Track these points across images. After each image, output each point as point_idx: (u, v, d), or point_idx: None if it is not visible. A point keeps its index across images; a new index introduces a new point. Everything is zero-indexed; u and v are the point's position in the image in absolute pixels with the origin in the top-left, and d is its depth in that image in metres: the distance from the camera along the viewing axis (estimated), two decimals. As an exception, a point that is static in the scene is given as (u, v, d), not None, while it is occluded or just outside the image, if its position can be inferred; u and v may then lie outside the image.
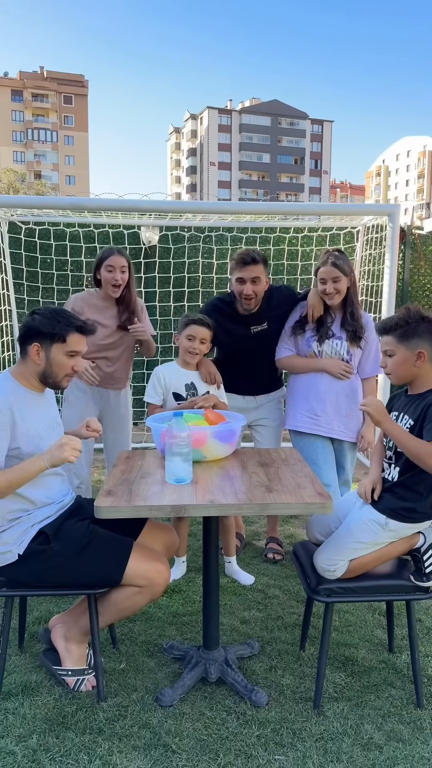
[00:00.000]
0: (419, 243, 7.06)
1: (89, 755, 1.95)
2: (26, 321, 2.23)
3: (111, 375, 3.54)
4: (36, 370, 2.24)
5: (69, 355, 2.23)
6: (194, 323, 2.99)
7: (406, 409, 2.24)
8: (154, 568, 2.17)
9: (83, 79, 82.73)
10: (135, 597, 2.18)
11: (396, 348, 2.18)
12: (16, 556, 2.14)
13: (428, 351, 2.16)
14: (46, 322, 2.20)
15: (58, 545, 2.15)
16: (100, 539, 2.19)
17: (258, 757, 1.96)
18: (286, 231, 6.64)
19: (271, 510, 2.00)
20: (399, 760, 1.96)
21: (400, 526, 2.18)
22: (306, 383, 3.27)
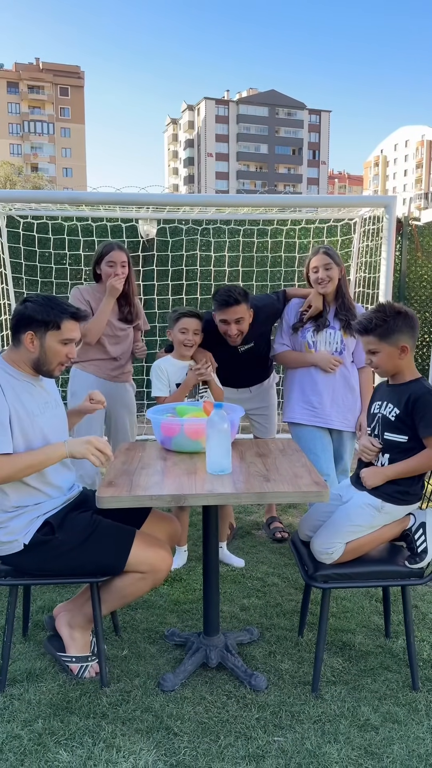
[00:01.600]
0: (416, 234, 7.08)
1: (93, 738, 2.01)
2: (18, 309, 2.21)
3: (115, 367, 3.61)
4: (30, 358, 2.23)
5: (63, 343, 2.23)
6: (184, 316, 3.08)
7: (390, 397, 2.32)
8: (157, 555, 2.22)
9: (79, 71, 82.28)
10: (138, 583, 2.23)
11: (379, 346, 2.26)
12: (21, 545, 2.19)
13: (409, 343, 2.26)
14: (39, 310, 2.19)
15: (62, 535, 2.20)
16: (103, 529, 2.23)
17: (257, 738, 2.02)
18: (284, 223, 6.65)
19: (268, 499, 2.04)
20: (395, 741, 2.01)
21: (394, 508, 2.26)
22: (302, 375, 3.34)
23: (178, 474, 2.21)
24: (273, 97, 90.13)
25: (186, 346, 3.09)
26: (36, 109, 78.99)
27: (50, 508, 2.28)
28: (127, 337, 3.62)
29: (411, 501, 2.28)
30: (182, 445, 2.47)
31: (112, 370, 3.59)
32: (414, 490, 2.28)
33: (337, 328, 3.28)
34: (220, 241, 6.76)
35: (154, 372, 3.12)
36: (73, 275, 6.66)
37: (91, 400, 2.54)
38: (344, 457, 3.41)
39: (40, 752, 1.95)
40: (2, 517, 2.19)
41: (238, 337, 3.22)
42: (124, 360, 3.66)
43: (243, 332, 3.20)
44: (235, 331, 3.17)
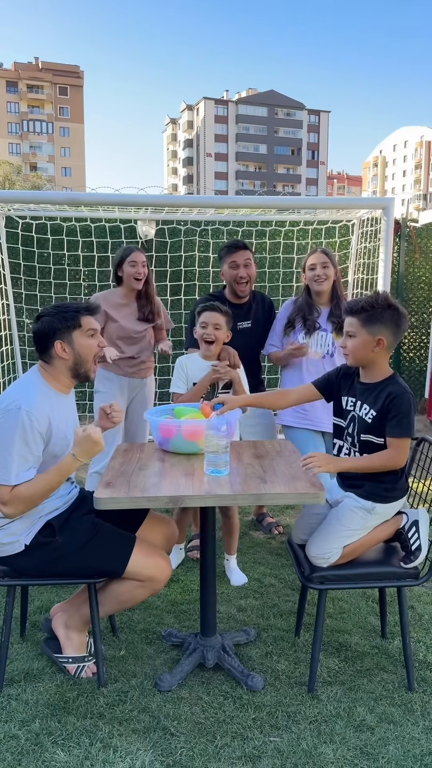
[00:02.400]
0: (414, 235, 7.10)
1: (90, 738, 2.02)
2: (36, 328, 2.27)
3: (134, 364, 3.75)
4: (66, 366, 2.29)
5: (90, 335, 2.30)
6: (206, 310, 2.99)
7: (365, 397, 2.30)
8: (156, 564, 2.24)
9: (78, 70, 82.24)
10: (136, 590, 2.25)
11: (358, 330, 2.24)
12: (22, 546, 2.20)
13: (387, 339, 2.22)
14: (55, 319, 2.26)
15: (63, 538, 2.21)
16: (104, 534, 2.25)
17: (254, 738, 2.03)
18: (282, 224, 6.67)
19: (265, 500, 2.05)
20: (390, 741, 2.02)
21: (384, 507, 2.27)
22: (293, 380, 3.38)
23: (175, 475, 2.22)
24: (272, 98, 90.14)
25: (206, 342, 2.99)
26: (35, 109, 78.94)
27: (52, 509, 2.29)
28: (144, 338, 3.75)
29: (398, 496, 2.29)
30: (180, 446, 2.48)
31: (131, 367, 3.76)
32: (399, 485, 2.28)
33: (329, 331, 3.31)
34: (219, 241, 6.77)
35: (176, 367, 3.10)
36: (71, 276, 6.66)
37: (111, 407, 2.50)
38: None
39: (38, 752, 1.96)
40: (4, 519, 2.20)
41: (247, 285, 3.43)
42: (144, 357, 3.80)
43: (251, 277, 3.44)
44: (245, 273, 3.40)
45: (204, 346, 3.01)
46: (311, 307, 3.34)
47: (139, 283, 3.66)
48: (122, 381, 3.76)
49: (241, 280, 3.42)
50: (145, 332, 3.75)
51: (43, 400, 2.19)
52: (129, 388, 3.81)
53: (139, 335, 3.72)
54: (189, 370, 3.06)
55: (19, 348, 5.90)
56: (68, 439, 2.26)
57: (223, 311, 3.00)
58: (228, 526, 3.15)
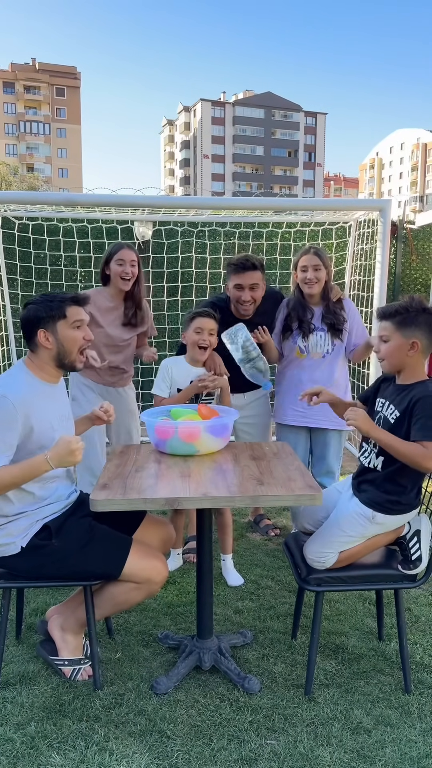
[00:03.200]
0: (411, 237, 7.11)
1: (86, 741, 2.01)
2: (23, 315, 2.28)
3: (114, 374, 3.58)
4: (50, 356, 2.28)
5: (75, 327, 2.28)
6: (200, 316, 2.99)
7: (393, 398, 2.27)
8: (153, 566, 2.23)
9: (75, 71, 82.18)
10: (132, 593, 2.24)
11: (392, 334, 2.20)
12: (18, 548, 2.19)
13: (422, 342, 2.18)
14: (41, 308, 2.25)
15: (59, 542, 2.20)
16: (100, 537, 2.24)
17: (250, 741, 2.02)
18: (279, 225, 6.66)
19: (262, 502, 2.05)
20: (387, 743, 2.02)
21: (386, 518, 2.23)
22: (290, 378, 3.41)
23: (172, 477, 2.21)
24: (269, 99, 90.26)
25: (200, 348, 2.98)
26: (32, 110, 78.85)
27: (50, 513, 2.28)
28: (128, 346, 3.57)
29: (404, 511, 2.24)
30: (176, 448, 2.47)
31: (112, 377, 3.58)
32: (407, 499, 2.23)
33: (325, 331, 3.31)
34: (216, 243, 6.77)
35: (161, 368, 3.08)
36: (68, 277, 6.65)
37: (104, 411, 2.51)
38: (327, 458, 3.43)
39: (33, 755, 1.95)
40: (2, 520, 2.19)
41: (251, 306, 3.27)
42: (127, 367, 3.64)
43: (256, 300, 3.27)
44: (249, 297, 3.23)
45: (198, 352, 3.01)
46: (305, 308, 3.33)
47: (126, 283, 3.41)
48: (101, 390, 3.56)
49: (245, 303, 3.27)
50: (130, 340, 3.56)
51: (27, 389, 2.19)
52: (108, 397, 3.55)
53: (125, 343, 3.53)
54: (174, 375, 3.06)
55: (15, 349, 5.88)
56: (54, 428, 2.25)
57: (216, 318, 3.01)
58: (221, 524, 3.15)
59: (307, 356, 3.35)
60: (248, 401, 3.55)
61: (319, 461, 3.47)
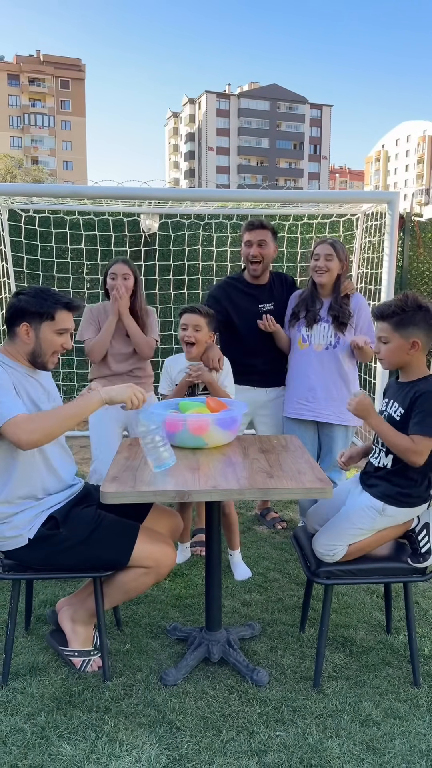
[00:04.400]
0: (418, 230, 7.07)
1: (96, 732, 2.02)
2: (12, 302, 2.23)
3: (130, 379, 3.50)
4: (25, 350, 2.25)
5: (58, 333, 2.25)
6: (186, 312, 3.01)
7: (397, 396, 2.28)
8: (161, 550, 2.23)
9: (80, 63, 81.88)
10: (141, 578, 2.24)
11: (391, 335, 2.20)
12: (26, 540, 2.19)
13: (422, 340, 2.18)
14: (33, 302, 2.21)
15: (66, 530, 2.21)
16: (107, 524, 2.24)
17: (259, 733, 2.03)
18: (286, 218, 6.64)
19: (272, 495, 2.05)
20: (396, 736, 2.02)
21: (396, 511, 2.23)
22: (296, 370, 3.42)
23: (181, 470, 2.21)
24: (274, 91, 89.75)
25: (186, 343, 3.01)
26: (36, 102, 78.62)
27: (54, 503, 2.28)
28: (134, 355, 3.53)
29: (414, 503, 2.24)
30: (185, 441, 2.47)
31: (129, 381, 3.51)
32: (417, 492, 2.23)
33: (329, 323, 3.31)
34: (222, 236, 6.75)
35: (162, 369, 3.13)
36: (74, 269, 6.64)
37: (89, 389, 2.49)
38: (334, 452, 3.42)
39: (44, 746, 1.96)
40: (7, 511, 2.20)
41: (260, 265, 3.42)
42: (139, 372, 3.57)
43: (265, 258, 3.42)
44: (257, 252, 3.38)
45: (184, 347, 3.03)
46: (314, 299, 3.35)
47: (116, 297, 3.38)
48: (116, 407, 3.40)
49: (253, 259, 3.40)
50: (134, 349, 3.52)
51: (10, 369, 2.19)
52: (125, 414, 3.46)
53: (128, 351, 3.49)
54: (172, 372, 3.09)
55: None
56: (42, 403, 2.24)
57: (203, 312, 2.99)
58: (226, 522, 3.15)
59: (309, 346, 3.35)
60: (270, 397, 3.56)
61: (326, 456, 3.47)
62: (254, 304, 3.46)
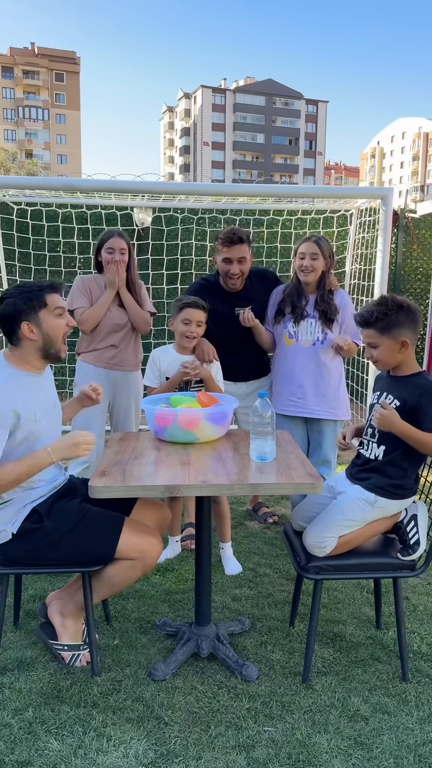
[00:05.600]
0: (412, 226, 7.07)
1: (84, 727, 2.01)
2: (1, 310, 2.22)
3: (114, 355, 3.57)
4: (35, 347, 2.24)
5: (57, 315, 2.25)
6: (189, 306, 2.96)
7: (390, 389, 2.29)
8: (146, 541, 2.22)
9: (75, 56, 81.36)
10: (128, 571, 2.23)
11: (379, 340, 2.23)
12: (10, 535, 2.18)
13: (410, 338, 2.22)
14: (19, 300, 2.20)
15: (50, 524, 2.19)
16: (91, 517, 2.23)
17: (248, 728, 2.02)
18: (280, 213, 6.62)
19: (262, 490, 2.04)
20: (384, 731, 2.02)
21: (388, 503, 2.25)
22: (282, 367, 3.43)
23: (171, 464, 2.20)
24: (270, 87, 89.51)
25: (187, 338, 2.98)
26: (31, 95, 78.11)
27: (37, 497, 2.27)
28: (127, 325, 3.56)
29: (405, 495, 2.27)
30: (176, 435, 2.46)
31: (112, 358, 3.56)
32: (407, 484, 2.26)
33: (316, 318, 3.30)
34: (216, 230, 6.73)
35: (149, 359, 3.09)
36: (67, 263, 6.61)
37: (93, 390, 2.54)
38: (323, 447, 3.42)
39: (31, 741, 1.95)
40: None
41: (239, 279, 3.33)
42: (128, 348, 3.60)
43: (244, 273, 3.33)
44: (237, 270, 3.29)
45: (185, 341, 3.00)
46: (300, 295, 3.33)
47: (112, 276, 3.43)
48: (101, 374, 3.52)
49: (233, 276, 3.31)
50: (128, 322, 3.55)
51: (10, 381, 2.17)
52: (111, 382, 3.57)
53: (123, 321, 3.52)
54: (162, 364, 3.05)
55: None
56: (38, 419, 2.22)
57: (205, 308, 2.99)
58: (218, 512, 3.15)
59: (296, 342, 3.34)
60: (250, 390, 3.54)
61: (315, 451, 3.47)
62: (230, 309, 3.38)
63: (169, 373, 3.02)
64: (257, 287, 3.47)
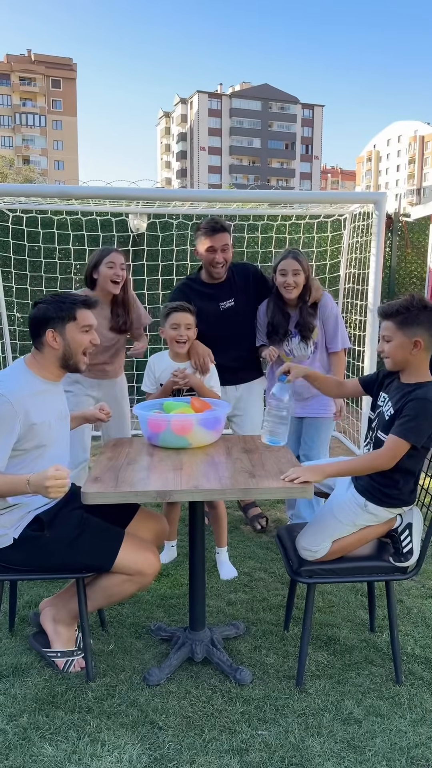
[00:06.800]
0: (406, 230, 7.10)
1: (78, 732, 2.02)
2: (33, 313, 2.28)
3: (104, 370, 3.58)
4: (56, 356, 2.28)
5: (84, 331, 2.30)
6: (175, 311, 2.98)
7: (393, 395, 2.27)
8: (145, 559, 2.24)
9: (71, 63, 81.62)
10: (124, 585, 2.25)
11: (394, 334, 2.20)
12: (11, 539, 2.19)
13: (425, 340, 2.18)
14: (52, 307, 2.25)
15: (51, 533, 2.20)
16: (92, 529, 2.24)
17: (242, 732, 2.03)
18: (274, 218, 6.65)
19: (253, 494, 2.05)
20: (377, 734, 2.03)
21: (378, 509, 2.24)
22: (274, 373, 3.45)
23: (164, 470, 2.21)
24: (266, 91, 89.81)
25: (178, 342, 2.99)
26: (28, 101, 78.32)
27: (42, 503, 2.28)
28: (115, 345, 3.56)
29: (396, 504, 2.24)
30: (169, 441, 2.48)
31: (100, 371, 3.57)
32: (399, 494, 2.22)
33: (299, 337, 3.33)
34: (211, 236, 6.75)
35: (146, 366, 3.11)
36: (62, 269, 6.63)
37: (101, 410, 2.61)
38: (314, 446, 3.44)
39: (25, 746, 1.96)
40: None
41: (223, 268, 3.38)
42: (116, 363, 3.64)
43: (227, 261, 3.38)
44: (221, 259, 3.34)
45: (176, 346, 3.01)
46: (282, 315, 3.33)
47: (116, 286, 3.42)
48: (91, 383, 3.57)
49: (218, 265, 3.36)
50: (117, 341, 3.56)
51: (27, 388, 2.19)
52: (98, 388, 3.62)
53: (110, 343, 3.52)
54: (156, 370, 3.07)
55: (9, 342, 5.87)
56: (52, 427, 2.26)
57: (192, 310, 3.01)
58: (215, 517, 3.16)
59: (293, 359, 3.37)
60: (240, 394, 3.56)
61: (306, 449, 3.48)
62: (214, 304, 3.41)
63: (163, 380, 3.04)
64: (239, 282, 3.48)
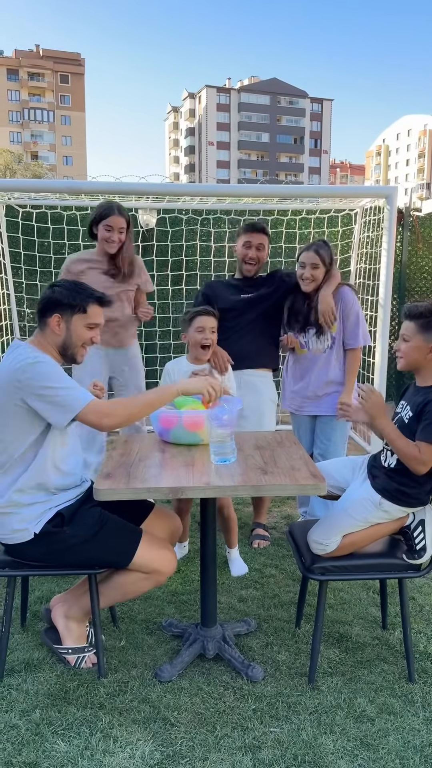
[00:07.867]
0: (417, 225, 7.04)
1: (90, 728, 2.02)
2: (46, 293, 2.26)
3: (112, 327, 3.53)
4: (55, 342, 2.26)
5: (89, 327, 2.28)
6: (200, 315, 2.98)
7: (409, 399, 2.29)
8: (162, 557, 2.24)
9: (80, 58, 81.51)
10: (140, 582, 2.25)
11: (413, 335, 2.20)
12: (32, 534, 2.18)
13: None
14: (66, 294, 2.23)
15: (71, 529, 2.20)
16: (111, 526, 2.24)
17: (254, 729, 2.03)
18: (284, 213, 6.61)
19: (265, 491, 2.04)
20: (390, 732, 2.02)
21: (393, 507, 2.23)
22: (293, 371, 3.51)
23: (176, 466, 2.21)
24: (275, 86, 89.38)
25: (204, 347, 2.99)
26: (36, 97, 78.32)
27: (64, 500, 2.27)
28: (118, 298, 3.52)
29: (412, 504, 2.24)
30: (180, 437, 2.47)
31: (106, 333, 3.50)
32: (416, 494, 2.22)
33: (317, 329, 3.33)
34: (221, 231, 6.73)
35: (163, 373, 3.12)
36: (72, 265, 6.61)
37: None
38: (330, 446, 3.43)
39: (38, 742, 1.96)
40: (19, 500, 2.17)
41: (254, 267, 3.48)
42: (123, 321, 3.59)
43: (260, 261, 3.49)
44: (254, 255, 3.46)
45: (201, 351, 3.01)
46: (303, 304, 3.35)
47: (112, 247, 3.44)
48: (100, 353, 3.52)
49: (250, 261, 3.45)
50: (121, 294, 3.51)
51: None
52: (109, 360, 3.59)
53: (115, 293, 3.46)
54: (174, 376, 3.07)
55: (19, 338, 5.88)
56: None
57: (215, 315, 3.02)
58: (223, 523, 3.15)
59: (308, 351, 3.37)
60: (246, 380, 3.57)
61: (322, 448, 3.46)
62: (237, 293, 3.47)
63: None
64: (266, 280, 3.56)
